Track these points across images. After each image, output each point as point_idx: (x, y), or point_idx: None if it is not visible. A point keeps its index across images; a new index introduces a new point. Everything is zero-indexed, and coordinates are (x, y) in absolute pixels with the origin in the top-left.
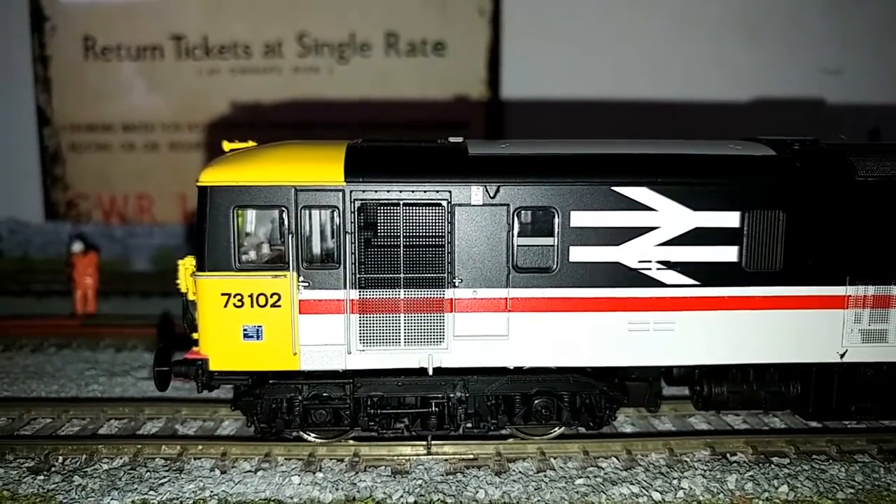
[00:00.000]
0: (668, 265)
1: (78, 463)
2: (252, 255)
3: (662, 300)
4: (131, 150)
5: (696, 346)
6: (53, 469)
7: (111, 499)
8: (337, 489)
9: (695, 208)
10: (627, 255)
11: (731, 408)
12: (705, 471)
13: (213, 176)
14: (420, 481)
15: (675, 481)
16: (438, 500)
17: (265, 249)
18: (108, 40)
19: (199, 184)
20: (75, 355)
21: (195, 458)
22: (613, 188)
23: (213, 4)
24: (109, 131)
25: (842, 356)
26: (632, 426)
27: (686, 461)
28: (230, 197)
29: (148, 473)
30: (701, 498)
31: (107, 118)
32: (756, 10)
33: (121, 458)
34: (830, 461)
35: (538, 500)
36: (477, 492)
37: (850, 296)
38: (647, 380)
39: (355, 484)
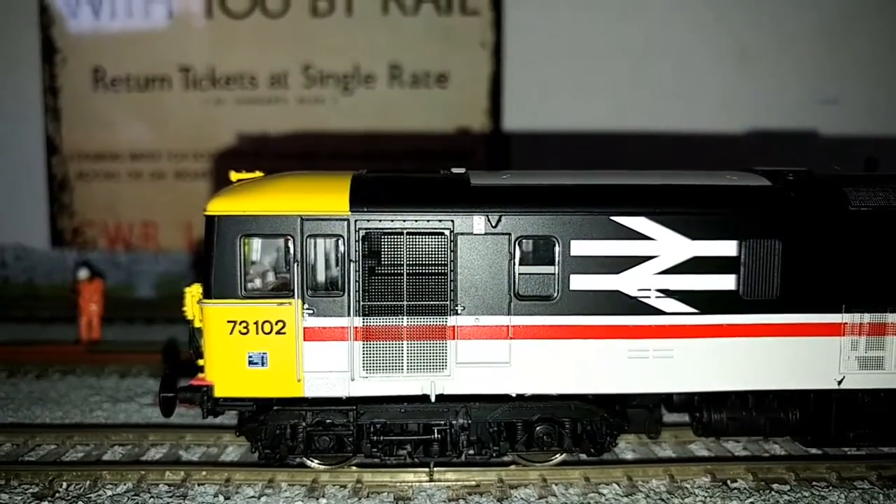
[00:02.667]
0: (667, 293)
1: (82, 489)
2: (258, 283)
3: (662, 328)
4: (138, 178)
5: (695, 373)
6: (58, 495)
7: None
8: None
9: (692, 237)
10: (627, 283)
11: (730, 434)
12: (706, 497)
13: (221, 205)
14: None
15: None
16: None
17: (271, 277)
18: (117, 71)
19: (206, 213)
20: (79, 381)
21: (199, 485)
22: (612, 218)
23: (220, 36)
24: (117, 160)
25: (839, 383)
26: (632, 452)
27: (687, 487)
28: (237, 226)
29: (151, 499)
30: None
31: (114, 147)
32: (752, 42)
33: (125, 485)
34: (830, 487)
35: None
36: None
37: (846, 323)
38: (647, 406)
39: None
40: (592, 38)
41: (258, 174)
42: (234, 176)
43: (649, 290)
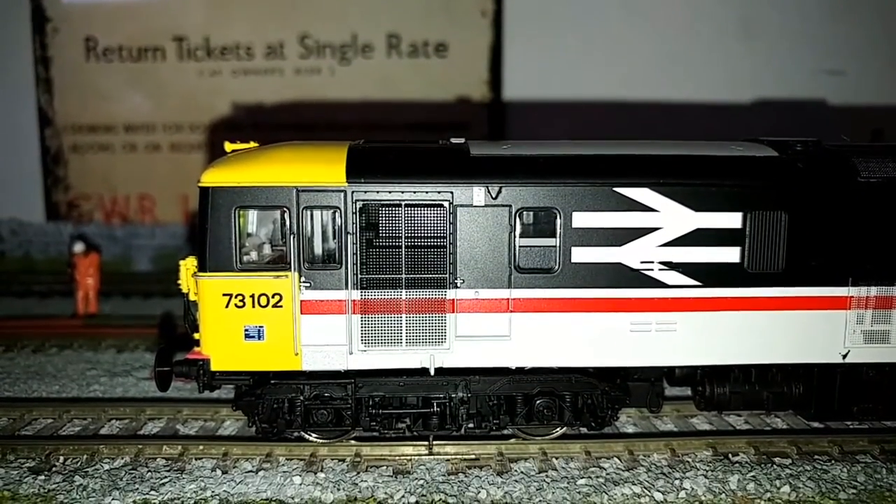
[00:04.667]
0: (671, 266)
1: (79, 463)
2: (254, 255)
3: (664, 301)
4: (133, 151)
5: (698, 346)
6: (54, 469)
7: (112, 499)
8: (338, 489)
9: (696, 209)
10: (629, 255)
11: (733, 408)
12: (707, 471)
13: (215, 177)
14: (422, 481)
15: (677, 482)
16: (440, 500)
17: (267, 250)
18: (110, 41)
19: (200, 185)
20: (76, 356)
21: (196, 459)
22: (615, 189)
23: (215, 6)
24: (111, 132)
25: (844, 357)
26: (634, 426)
27: (688, 461)
28: (232, 197)
29: (149, 473)
30: (703, 498)
31: (108, 119)
32: (759, 12)
33: (122, 459)
34: (833, 462)
35: (540, 500)
36: (479, 492)
37: (852, 297)
38: (649, 380)
39: (356, 484)
40: (594, 7)
41: (253, 145)
42: (228, 147)
43: (652, 262)
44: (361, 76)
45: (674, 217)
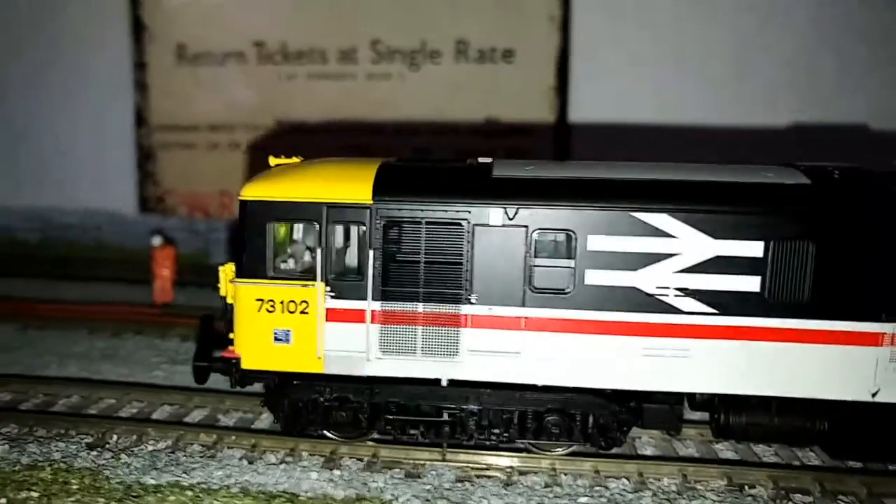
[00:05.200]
0: (686, 292)
1: (128, 443)
2: (285, 265)
3: (679, 327)
4: (215, 149)
5: (713, 374)
6: (107, 446)
7: (150, 478)
8: (350, 487)
9: (716, 236)
10: (644, 280)
11: (749, 439)
12: (716, 501)
13: (253, 191)
14: (430, 486)
15: None
16: None
17: (297, 260)
18: (199, 47)
19: (240, 198)
20: (146, 342)
21: (228, 448)
22: (632, 214)
23: (293, 12)
24: (196, 131)
25: (874, 395)
26: (653, 448)
27: (699, 489)
28: (267, 211)
29: (185, 458)
30: None
31: (194, 119)
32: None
33: (165, 442)
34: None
35: None
36: (480, 502)
37: (885, 333)
38: (668, 403)
39: (367, 484)
40: (667, 19)
41: (296, 160)
42: (272, 161)
43: (667, 288)
44: (430, 81)
45: (691, 243)
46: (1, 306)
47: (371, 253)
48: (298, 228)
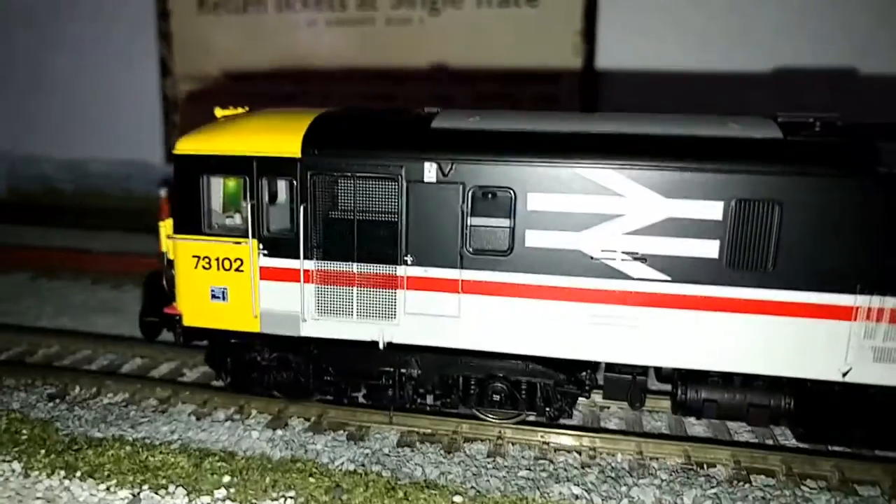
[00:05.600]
0: (635, 256)
1: (88, 395)
2: (219, 221)
3: (627, 294)
4: (237, 99)
5: (666, 346)
6: (67, 398)
7: (97, 431)
8: (288, 448)
9: (667, 195)
10: (589, 242)
11: (707, 416)
12: (663, 482)
13: (186, 145)
14: (369, 450)
15: (625, 488)
16: (375, 472)
17: (230, 216)
18: None
19: (174, 152)
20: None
21: (182, 403)
22: (575, 170)
23: None
24: (218, 81)
25: (844, 374)
26: (619, 421)
27: (652, 467)
28: (199, 165)
29: (136, 412)
30: None
31: (216, 69)
32: None
33: (121, 395)
34: (823, 490)
35: (470, 487)
36: (415, 469)
37: (859, 306)
38: (631, 374)
39: (305, 446)
40: None
41: (241, 110)
42: (218, 112)
43: (614, 251)
44: (451, 26)
45: (641, 203)
46: (17, 255)
47: (302, 209)
48: (230, 183)
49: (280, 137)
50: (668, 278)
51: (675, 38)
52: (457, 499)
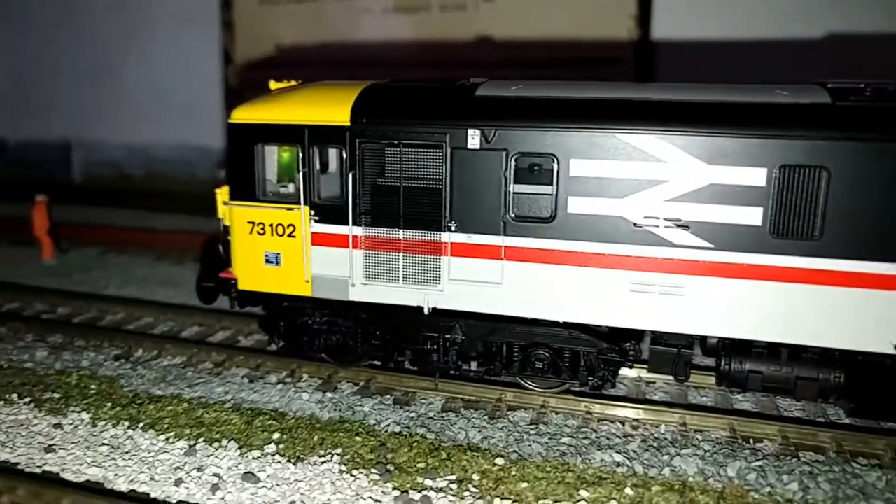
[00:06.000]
0: (678, 223)
1: (150, 357)
2: (273, 188)
3: (670, 262)
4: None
5: (710, 315)
6: (131, 359)
7: (157, 389)
8: (336, 409)
9: (710, 162)
10: (631, 209)
11: (752, 389)
12: (706, 453)
13: (241, 114)
14: (414, 414)
15: (666, 457)
16: (420, 434)
17: (284, 183)
18: None
19: (229, 121)
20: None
21: (236, 367)
22: (617, 136)
23: None
24: (279, 68)
25: None
26: (665, 394)
27: (696, 438)
28: (254, 134)
29: (192, 373)
30: (690, 480)
31: (275, 55)
32: None
33: (179, 358)
34: (874, 468)
35: (512, 451)
36: (459, 433)
37: None
38: (676, 346)
39: (353, 408)
40: None
41: (294, 83)
42: (272, 85)
43: (657, 218)
44: (505, 11)
45: (683, 169)
46: (89, 232)
47: (350, 176)
48: (284, 151)
49: (330, 107)
50: (712, 245)
51: (736, 6)
52: (498, 461)
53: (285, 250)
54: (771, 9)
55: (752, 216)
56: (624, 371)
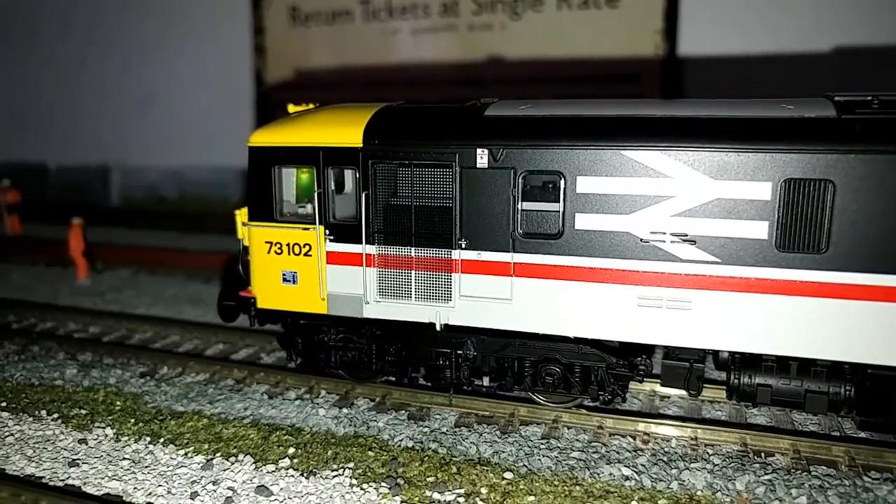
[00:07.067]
0: (684, 238)
1: (174, 374)
2: (290, 208)
3: (677, 276)
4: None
5: (717, 329)
6: (156, 376)
7: (179, 405)
8: (351, 425)
9: (715, 177)
10: (638, 224)
11: (762, 403)
12: (715, 467)
13: (259, 138)
14: (427, 429)
15: (675, 471)
16: (432, 448)
17: (300, 204)
18: (309, 8)
19: (248, 144)
20: None
21: (256, 383)
22: (623, 153)
23: None
24: (309, 89)
25: None
26: (678, 409)
27: (706, 452)
28: (271, 156)
29: (214, 390)
30: (698, 494)
31: (307, 77)
32: None
33: (203, 375)
34: (886, 481)
35: (522, 466)
36: (470, 447)
37: None
38: (688, 360)
39: (368, 423)
40: None
41: (311, 106)
42: (290, 108)
43: (663, 233)
44: (532, 30)
45: (688, 185)
46: (122, 253)
47: (364, 196)
48: (303, 175)
49: (344, 129)
50: (718, 260)
51: (760, 24)
52: (507, 475)
53: (302, 269)
54: (795, 22)
55: (758, 230)
56: (637, 385)
